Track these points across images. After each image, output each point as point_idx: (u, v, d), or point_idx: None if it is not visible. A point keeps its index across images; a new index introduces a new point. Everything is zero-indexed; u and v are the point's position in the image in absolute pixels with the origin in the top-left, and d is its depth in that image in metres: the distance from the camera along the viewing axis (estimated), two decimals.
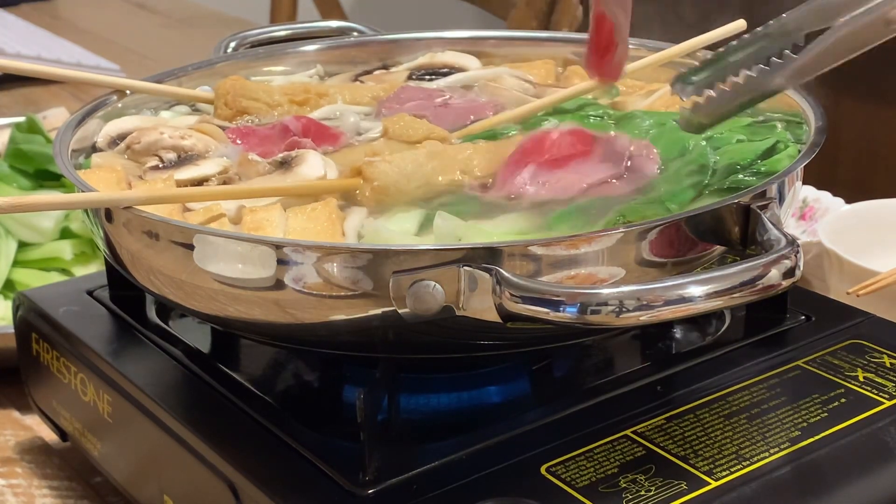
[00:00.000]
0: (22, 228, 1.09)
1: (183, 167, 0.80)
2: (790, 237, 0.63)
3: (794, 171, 0.71)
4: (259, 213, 0.71)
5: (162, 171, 0.79)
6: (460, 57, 1.00)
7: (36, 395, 0.88)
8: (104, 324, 0.83)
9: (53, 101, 1.66)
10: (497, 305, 0.60)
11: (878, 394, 0.72)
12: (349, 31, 1.05)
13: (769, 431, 0.68)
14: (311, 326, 0.66)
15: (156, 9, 2.23)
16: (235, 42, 1.02)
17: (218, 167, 0.80)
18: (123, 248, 0.71)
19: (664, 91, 0.89)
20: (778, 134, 0.79)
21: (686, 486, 0.64)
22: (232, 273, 0.65)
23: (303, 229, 0.70)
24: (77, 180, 0.72)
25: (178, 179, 0.78)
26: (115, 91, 0.90)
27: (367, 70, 1.01)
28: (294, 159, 0.78)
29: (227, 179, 0.78)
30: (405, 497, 0.64)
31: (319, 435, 0.69)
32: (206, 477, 0.68)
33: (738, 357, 0.76)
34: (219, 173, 0.79)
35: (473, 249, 0.61)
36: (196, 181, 0.78)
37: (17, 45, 1.81)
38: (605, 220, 0.70)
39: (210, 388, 0.74)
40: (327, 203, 0.72)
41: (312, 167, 0.77)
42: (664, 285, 0.59)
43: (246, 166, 0.79)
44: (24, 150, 1.17)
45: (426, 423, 0.72)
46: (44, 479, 0.87)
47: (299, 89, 0.93)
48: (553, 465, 0.66)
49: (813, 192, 1.20)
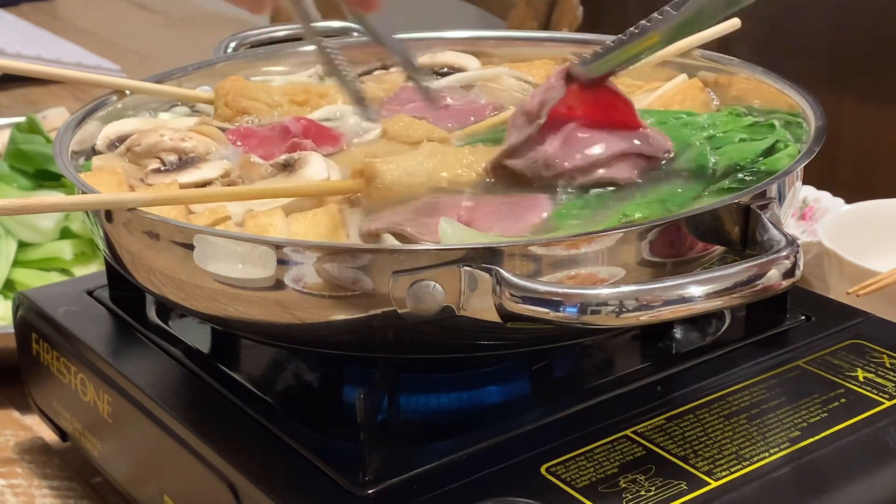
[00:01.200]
0: (22, 228, 1.09)
1: (185, 170, 0.79)
2: (790, 237, 0.63)
3: (794, 171, 0.71)
4: (261, 217, 0.71)
5: (164, 174, 0.79)
6: (460, 57, 1.00)
7: (36, 395, 0.88)
8: (104, 324, 0.83)
9: (53, 101, 1.66)
10: (497, 305, 0.60)
11: (878, 394, 0.72)
12: (349, 31, 1.05)
13: (769, 431, 0.68)
14: (311, 326, 0.66)
15: (156, 9, 2.24)
16: (235, 42, 1.02)
17: (220, 170, 0.80)
18: (123, 248, 0.71)
19: (665, 90, 0.89)
20: (777, 133, 0.79)
21: (686, 486, 0.64)
22: (232, 273, 0.65)
23: (304, 234, 0.70)
24: (77, 180, 0.72)
25: (181, 183, 0.78)
26: (115, 91, 0.90)
27: (366, 70, 1.01)
28: (297, 161, 0.78)
29: (230, 182, 0.78)
30: (405, 497, 0.64)
31: (319, 435, 0.69)
32: (206, 477, 0.68)
33: (738, 357, 0.76)
34: (221, 176, 0.79)
35: (473, 249, 0.61)
36: (198, 184, 0.78)
37: (17, 45, 1.81)
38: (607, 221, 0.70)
39: (210, 388, 0.74)
40: (328, 208, 0.72)
41: (316, 170, 0.77)
42: (664, 285, 0.59)
43: (248, 169, 0.79)
44: (24, 150, 1.17)
45: (426, 423, 0.72)
46: (44, 479, 0.87)
47: (299, 90, 0.92)
48: (553, 465, 0.66)
49: (813, 192, 1.20)
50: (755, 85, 0.87)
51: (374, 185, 0.75)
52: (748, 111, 0.85)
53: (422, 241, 0.68)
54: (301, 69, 1.00)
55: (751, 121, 0.82)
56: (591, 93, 0.77)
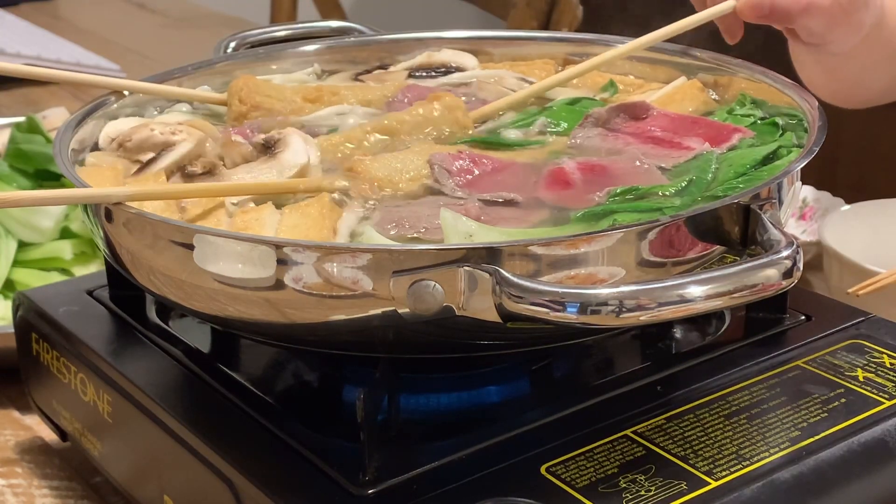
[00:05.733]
0: (22, 228, 1.09)
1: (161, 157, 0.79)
2: (790, 237, 0.63)
3: (793, 171, 0.71)
4: (250, 213, 0.72)
5: (145, 167, 0.79)
6: (458, 55, 1.00)
7: (36, 395, 0.88)
8: (104, 324, 0.83)
9: (53, 101, 1.66)
10: (497, 305, 0.60)
11: (878, 394, 0.72)
12: (349, 31, 1.05)
13: (769, 431, 0.68)
14: (311, 326, 0.66)
15: (156, 9, 2.24)
16: (235, 42, 1.02)
17: (192, 144, 0.79)
18: (123, 248, 0.71)
19: (665, 91, 0.90)
20: (783, 139, 0.79)
21: (686, 486, 0.64)
22: (232, 273, 0.65)
23: (294, 225, 0.70)
24: (77, 180, 0.72)
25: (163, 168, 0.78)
26: (115, 91, 0.90)
27: (366, 70, 1.01)
28: (277, 143, 0.78)
29: (212, 167, 0.77)
30: (405, 497, 0.64)
31: (319, 435, 0.69)
32: (206, 477, 0.68)
33: (738, 357, 0.76)
34: (195, 149, 0.78)
35: (473, 249, 0.61)
36: (177, 164, 0.78)
37: (17, 45, 1.81)
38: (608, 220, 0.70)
39: (210, 388, 0.74)
40: (320, 198, 0.72)
41: (296, 153, 0.77)
42: (664, 285, 0.59)
43: (229, 147, 0.79)
44: (24, 150, 1.17)
45: (426, 423, 0.72)
46: (44, 479, 0.87)
47: (312, 88, 0.93)
48: (553, 465, 0.66)
49: (813, 192, 1.20)
50: (755, 85, 0.87)
51: (363, 182, 0.75)
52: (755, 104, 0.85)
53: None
54: (300, 69, 1.00)
55: (753, 119, 0.83)
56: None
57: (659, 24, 0.90)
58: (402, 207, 0.73)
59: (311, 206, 0.72)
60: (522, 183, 0.76)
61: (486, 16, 2.29)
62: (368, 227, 0.71)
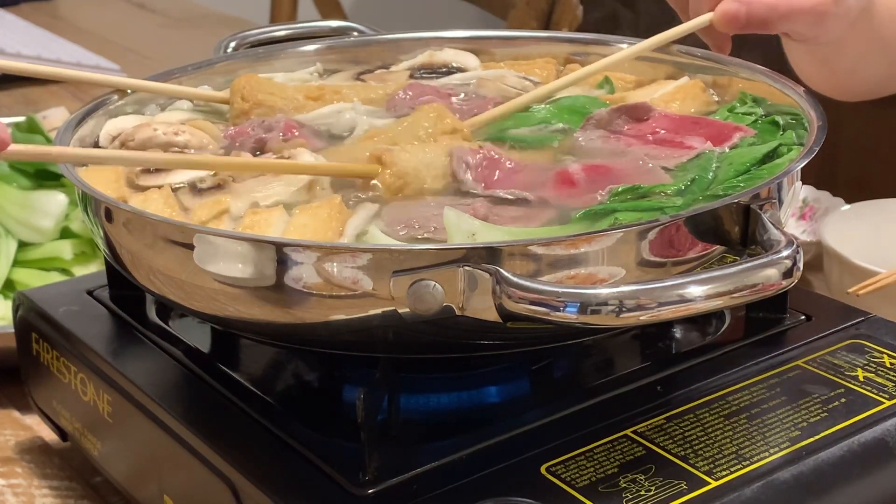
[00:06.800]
0: (22, 228, 1.09)
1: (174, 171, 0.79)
2: (790, 237, 0.63)
3: (793, 171, 0.71)
4: (260, 213, 0.72)
5: (154, 174, 0.79)
6: (460, 55, 1.00)
7: (36, 395, 0.88)
8: (104, 324, 0.83)
9: (53, 100, 1.66)
10: (497, 305, 0.60)
11: (878, 394, 0.72)
12: (349, 31, 1.05)
13: (769, 431, 0.68)
14: (311, 326, 0.66)
15: (155, 9, 2.24)
16: (235, 42, 1.01)
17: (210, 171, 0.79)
18: (123, 248, 0.71)
19: (665, 90, 0.89)
20: (783, 137, 0.79)
21: (686, 486, 0.64)
22: (232, 273, 0.65)
23: (303, 225, 0.70)
24: (76, 179, 0.72)
25: (171, 184, 0.77)
26: (116, 91, 0.90)
27: (368, 69, 1.01)
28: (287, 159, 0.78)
29: (221, 182, 0.77)
30: (405, 497, 0.64)
31: (319, 435, 0.69)
32: (206, 477, 0.68)
33: (738, 357, 0.76)
34: (213, 174, 0.79)
35: (473, 249, 0.61)
36: (189, 183, 0.78)
37: (17, 45, 1.81)
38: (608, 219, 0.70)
39: (210, 388, 0.74)
40: (331, 201, 0.72)
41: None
42: (664, 285, 0.59)
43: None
44: None
45: (426, 423, 0.72)
46: (44, 479, 0.87)
47: (314, 86, 0.93)
48: (553, 465, 0.66)
49: (813, 192, 1.20)
50: (755, 85, 0.87)
51: (388, 172, 0.75)
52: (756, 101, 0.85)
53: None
54: (301, 69, 1.00)
55: (754, 117, 0.83)
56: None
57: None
58: (410, 208, 0.73)
59: (322, 208, 0.72)
60: (535, 182, 0.76)
61: (486, 16, 2.29)
62: (373, 227, 0.71)
